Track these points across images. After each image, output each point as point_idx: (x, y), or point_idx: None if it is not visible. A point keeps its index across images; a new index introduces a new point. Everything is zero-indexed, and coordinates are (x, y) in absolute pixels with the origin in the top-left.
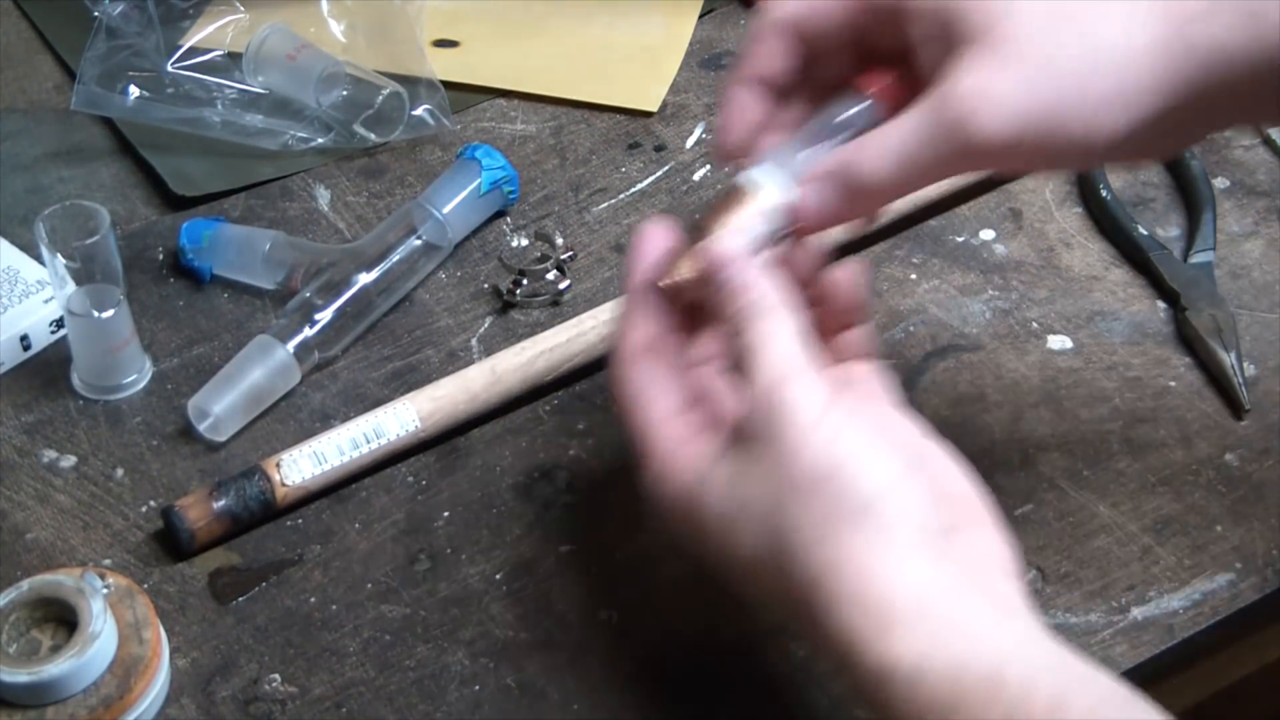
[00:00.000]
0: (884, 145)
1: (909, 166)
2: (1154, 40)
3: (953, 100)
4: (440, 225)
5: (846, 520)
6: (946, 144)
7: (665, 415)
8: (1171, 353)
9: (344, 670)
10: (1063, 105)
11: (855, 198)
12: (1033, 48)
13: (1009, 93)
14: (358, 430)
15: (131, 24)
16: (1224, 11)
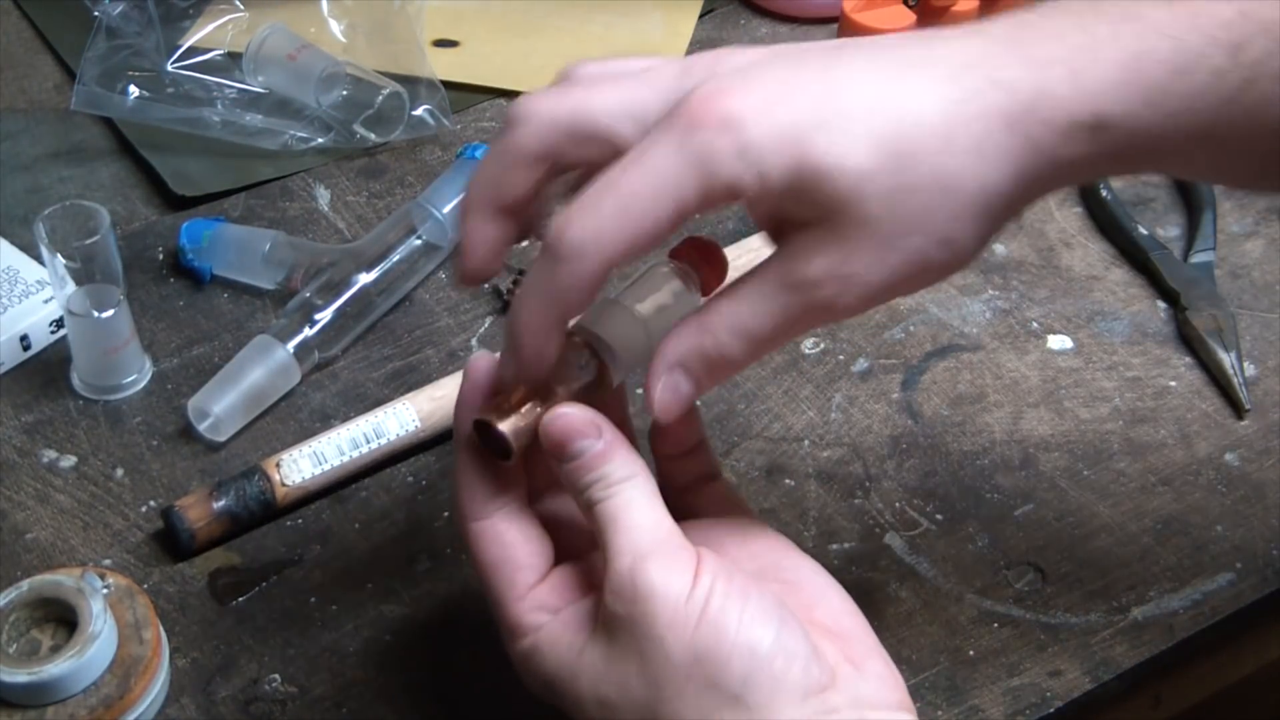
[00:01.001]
0: (740, 326)
1: (770, 342)
2: (1013, 178)
3: (809, 283)
4: (440, 225)
5: (727, 706)
6: (809, 321)
7: (529, 584)
8: (1171, 353)
9: (344, 670)
10: (924, 261)
11: (715, 378)
12: (882, 226)
13: (867, 270)
14: (358, 430)
15: (131, 24)
16: (1080, 131)
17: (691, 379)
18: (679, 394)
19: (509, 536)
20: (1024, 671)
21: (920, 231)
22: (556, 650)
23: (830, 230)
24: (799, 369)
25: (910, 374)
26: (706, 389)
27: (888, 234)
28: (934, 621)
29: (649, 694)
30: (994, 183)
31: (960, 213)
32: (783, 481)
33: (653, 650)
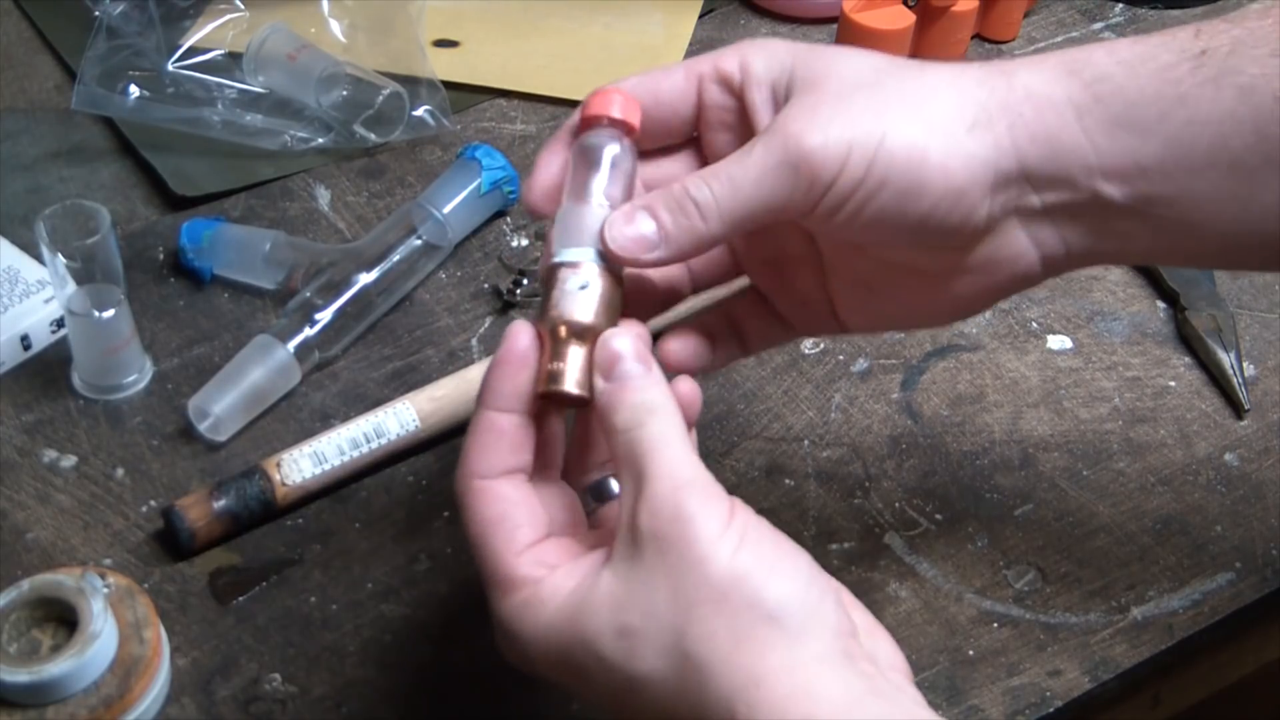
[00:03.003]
0: (713, 171)
1: (740, 189)
2: (981, 81)
3: (782, 129)
4: (440, 225)
5: (762, 624)
6: (778, 163)
7: (527, 542)
8: (1171, 353)
9: (344, 670)
10: (890, 122)
11: (681, 230)
12: (861, 85)
13: (836, 111)
14: (358, 430)
15: (132, 24)
16: (1045, 66)
17: (654, 219)
18: (637, 229)
19: (513, 496)
20: (1024, 671)
21: (890, 95)
22: (558, 597)
23: (813, 93)
24: (799, 369)
25: (910, 374)
26: (673, 239)
27: (863, 93)
28: (934, 621)
29: (679, 616)
30: (965, 85)
31: (928, 94)
32: (783, 481)
33: (690, 569)
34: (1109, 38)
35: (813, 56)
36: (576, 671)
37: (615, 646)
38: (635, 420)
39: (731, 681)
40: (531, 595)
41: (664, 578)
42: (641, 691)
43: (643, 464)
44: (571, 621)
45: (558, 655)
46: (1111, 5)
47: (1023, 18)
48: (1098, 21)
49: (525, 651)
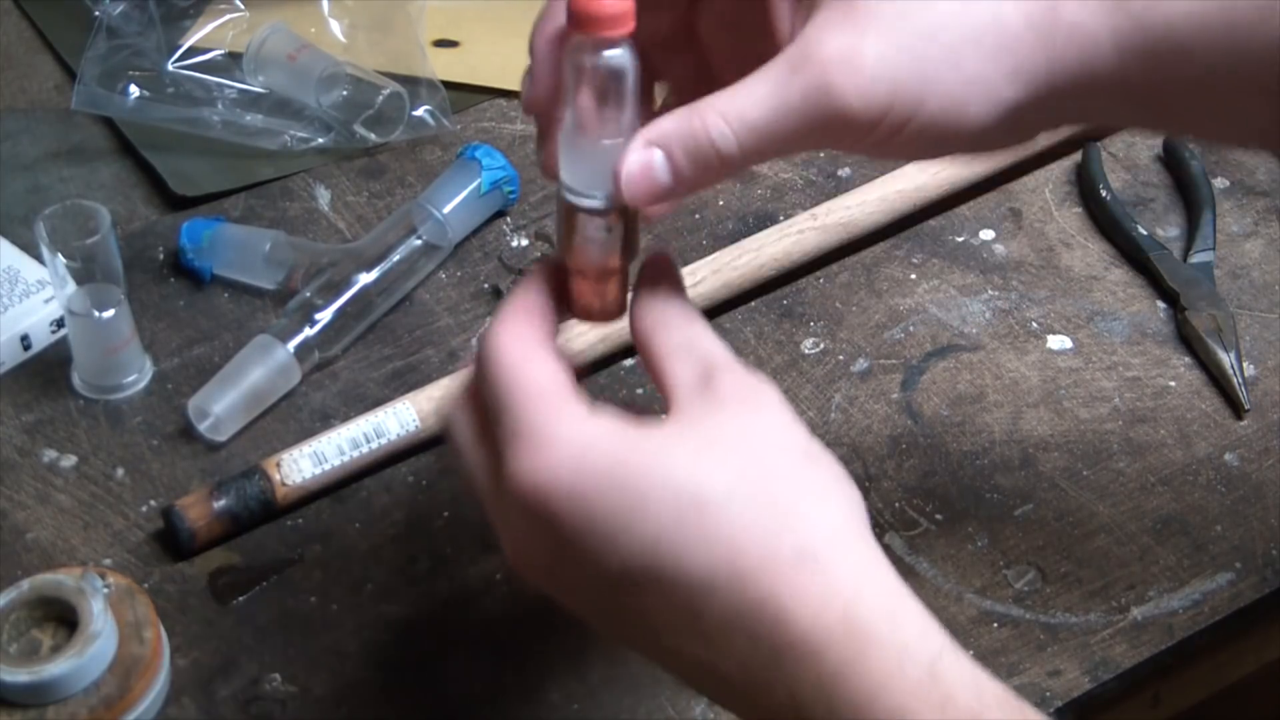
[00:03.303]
0: (738, 110)
1: (766, 134)
2: (1028, 20)
3: (815, 63)
4: (440, 225)
5: (836, 483)
6: (809, 111)
7: (563, 384)
8: (1171, 353)
9: (344, 670)
10: (933, 76)
11: (705, 169)
12: (902, 13)
13: (877, 58)
14: (358, 430)
15: (132, 24)
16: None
17: (670, 161)
18: (651, 173)
19: (564, 370)
20: (1024, 671)
21: (931, 38)
22: (617, 421)
23: (849, 6)
24: (799, 369)
25: (910, 374)
26: (688, 181)
27: (904, 26)
28: None
29: (766, 453)
30: (1008, 19)
31: (972, 35)
32: None
33: (778, 430)
34: None
35: None
36: (628, 496)
37: (691, 466)
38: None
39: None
40: (586, 419)
41: (751, 424)
42: (702, 509)
43: (712, 355)
44: (638, 440)
45: (606, 477)
46: None
47: None
48: None
49: (565, 475)
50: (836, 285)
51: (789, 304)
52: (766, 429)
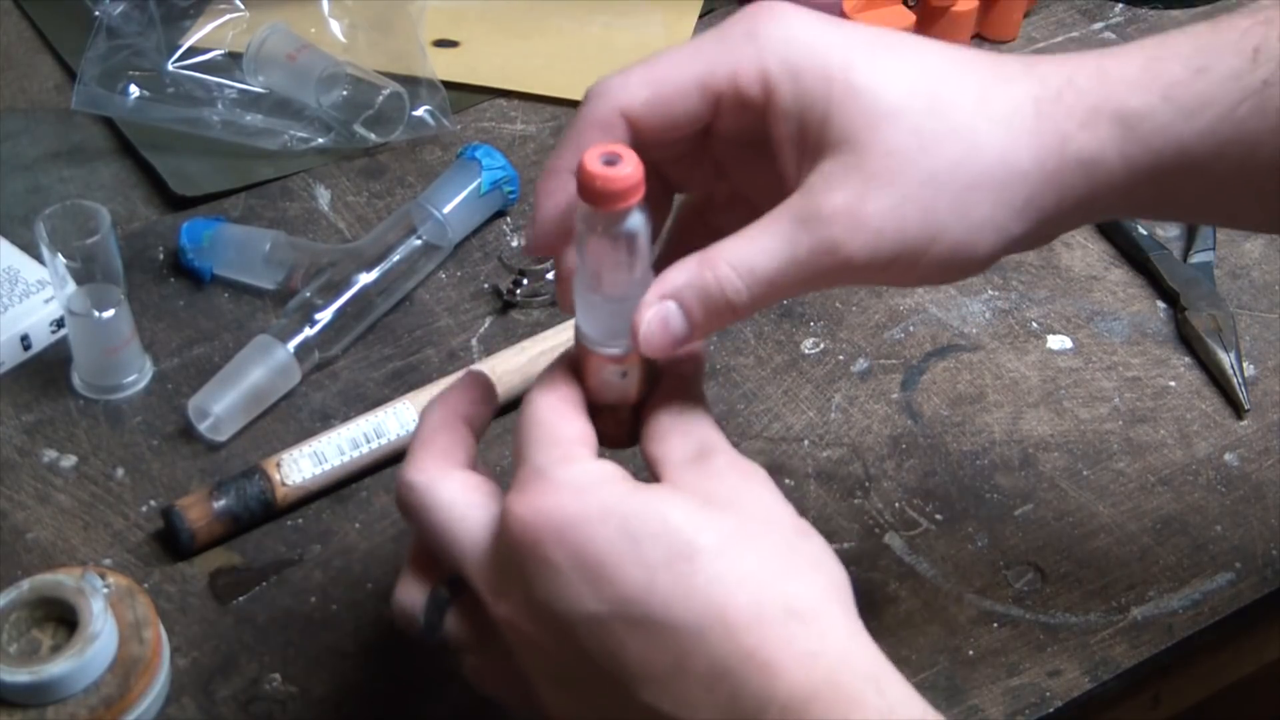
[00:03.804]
0: (748, 263)
1: (775, 285)
2: (1036, 159)
3: (821, 219)
4: (440, 225)
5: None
6: (816, 264)
7: (582, 439)
8: (1171, 353)
9: (344, 670)
10: (940, 224)
11: (718, 318)
12: (906, 164)
13: (883, 213)
14: (358, 430)
15: (132, 24)
16: (1102, 123)
17: (685, 314)
18: (669, 327)
19: (588, 430)
20: (1023, 671)
21: (939, 188)
22: (619, 471)
23: (853, 159)
24: (799, 369)
25: (910, 374)
26: (702, 330)
27: (910, 178)
28: (934, 621)
29: (765, 523)
30: (1016, 160)
31: (980, 181)
32: (783, 481)
33: (776, 506)
34: (1109, 38)
35: (850, 99)
36: (623, 536)
37: (689, 515)
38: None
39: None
40: (591, 463)
41: (744, 494)
42: (695, 557)
43: (708, 439)
44: (636, 488)
45: (603, 515)
46: (1111, 5)
47: (1023, 18)
48: (1098, 21)
49: (562, 511)
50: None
51: (789, 304)
52: (759, 500)
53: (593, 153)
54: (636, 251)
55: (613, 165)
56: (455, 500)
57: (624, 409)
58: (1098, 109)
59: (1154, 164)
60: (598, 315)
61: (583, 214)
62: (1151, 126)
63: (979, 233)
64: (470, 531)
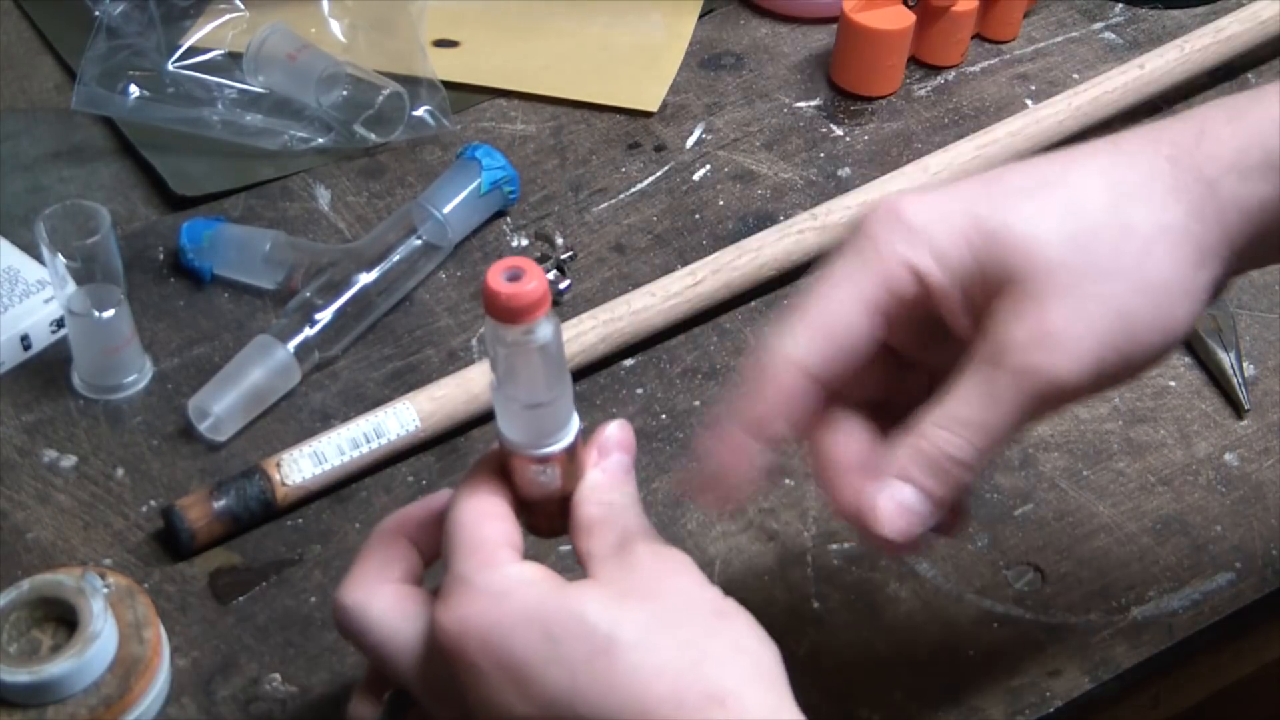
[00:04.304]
0: (958, 417)
1: (989, 429)
2: (1191, 212)
3: (1013, 353)
4: (440, 225)
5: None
6: (1024, 399)
7: (505, 539)
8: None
9: (344, 670)
10: (1130, 312)
11: (946, 483)
12: (1074, 269)
13: (1072, 324)
14: (358, 430)
15: (132, 24)
16: (1251, 165)
17: (918, 488)
18: (906, 507)
19: (513, 529)
20: (1024, 671)
21: (1111, 275)
22: (540, 571)
23: (1020, 293)
24: None
25: None
26: (943, 498)
27: (1078, 280)
28: (934, 621)
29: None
30: (1171, 221)
31: (1147, 252)
32: (783, 481)
33: (696, 590)
34: (1110, 38)
35: (993, 244)
36: (542, 639)
37: (605, 610)
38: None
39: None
40: (513, 566)
41: (664, 582)
42: (613, 650)
43: (629, 528)
44: (555, 586)
45: (522, 619)
46: (1111, 5)
47: (1023, 18)
48: (1097, 21)
49: (481, 618)
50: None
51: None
52: (679, 588)
53: (495, 270)
54: (549, 359)
55: (516, 280)
56: (385, 617)
57: (552, 503)
58: (1240, 151)
59: None
60: (517, 422)
61: (491, 329)
62: None
63: (1169, 298)
64: (404, 646)
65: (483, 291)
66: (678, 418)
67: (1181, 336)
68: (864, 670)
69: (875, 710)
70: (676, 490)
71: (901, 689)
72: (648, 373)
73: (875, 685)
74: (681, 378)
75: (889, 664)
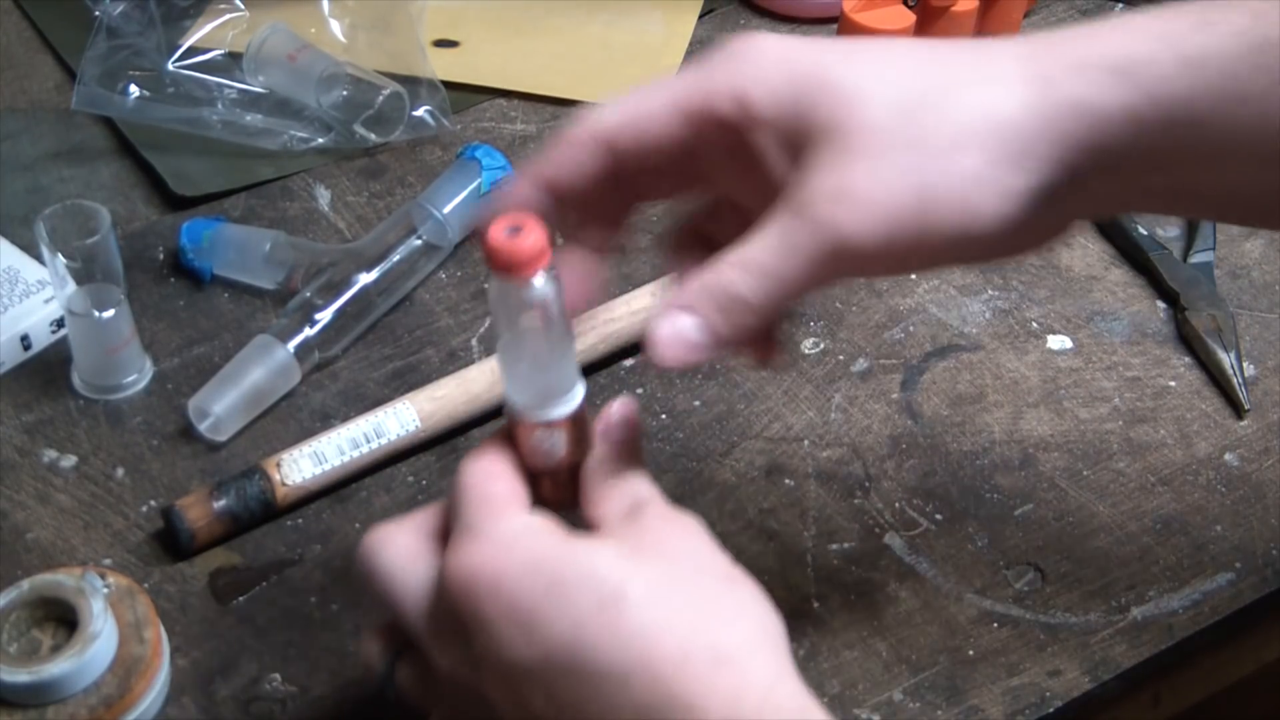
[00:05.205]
0: (752, 259)
1: (780, 277)
2: (1022, 104)
3: (813, 204)
4: (440, 225)
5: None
6: (817, 250)
7: (515, 496)
8: (1171, 353)
9: (344, 670)
10: (931, 184)
11: (729, 321)
12: (889, 134)
13: (870, 183)
14: (358, 430)
15: (132, 23)
16: (1094, 69)
17: (700, 319)
18: (685, 337)
19: (522, 489)
20: (1023, 671)
21: (921, 148)
22: (550, 523)
23: (833, 146)
24: (799, 369)
25: (910, 374)
26: (722, 336)
27: (889, 145)
28: (934, 621)
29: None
30: (1001, 109)
31: (964, 136)
32: (782, 481)
33: (705, 551)
34: None
35: (822, 91)
36: (550, 585)
37: (616, 564)
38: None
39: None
40: (521, 517)
41: (674, 544)
42: (621, 603)
43: (641, 494)
44: (565, 537)
45: (531, 565)
46: (1111, 6)
47: (1023, 18)
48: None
49: (491, 563)
50: (837, 285)
51: None
52: (689, 550)
53: (497, 226)
54: (550, 317)
55: (516, 235)
56: (395, 561)
57: (562, 473)
58: (1088, 55)
59: (1159, 117)
60: (521, 383)
61: (493, 286)
62: (1151, 75)
63: (974, 188)
64: (411, 590)
65: (483, 248)
66: (678, 418)
67: (984, 233)
68: (864, 670)
69: (875, 710)
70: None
71: (901, 689)
72: (648, 373)
73: (875, 685)
74: (681, 378)
75: (889, 664)
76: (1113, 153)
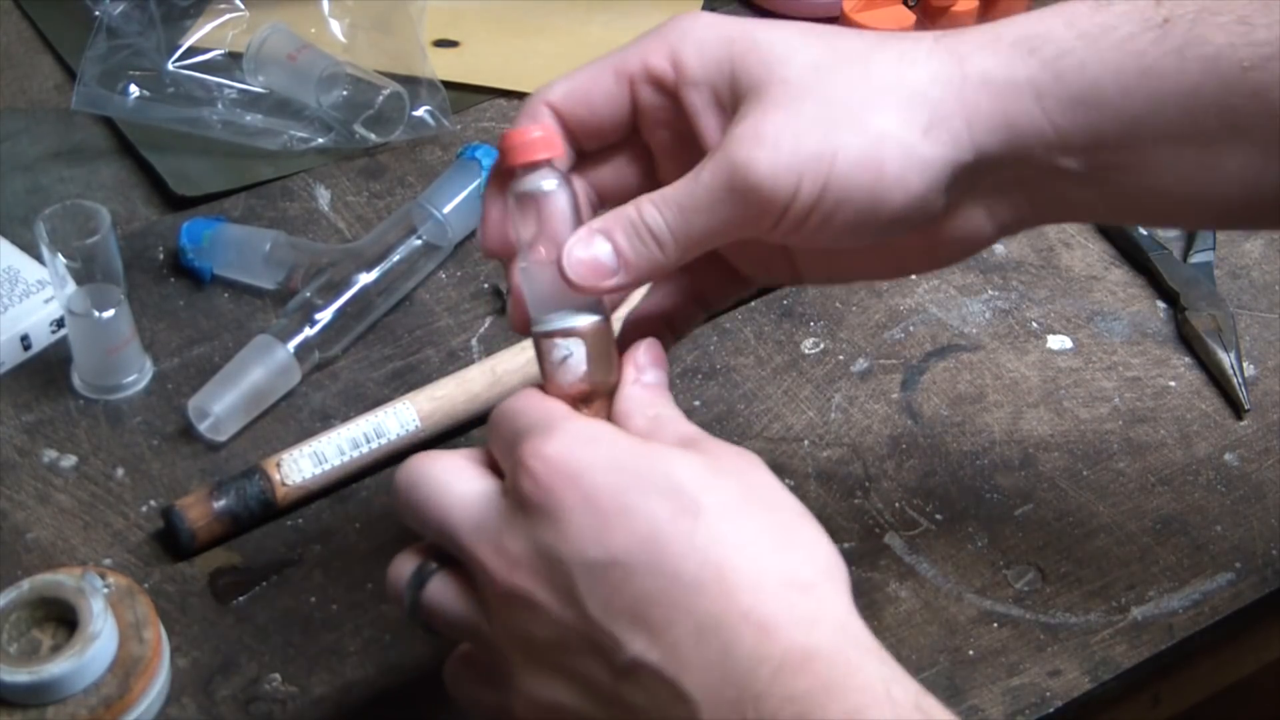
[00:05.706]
0: (668, 196)
1: (691, 211)
2: (932, 76)
3: (728, 147)
4: (440, 225)
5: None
6: (727, 191)
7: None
8: (1171, 353)
9: (344, 670)
10: (837, 141)
11: (638, 252)
12: (807, 89)
13: (781, 129)
14: (358, 430)
15: (132, 23)
16: (1003, 46)
17: (611, 244)
18: (594, 256)
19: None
20: (1024, 671)
21: (834, 104)
22: (636, 439)
23: (757, 100)
24: (799, 369)
25: (910, 374)
26: (631, 266)
27: (803, 97)
28: (934, 621)
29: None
30: (912, 79)
31: (876, 99)
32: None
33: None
34: None
35: (750, 51)
36: (632, 483)
37: (695, 475)
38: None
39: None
40: (593, 422)
41: (750, 471)
42: (701, 514)
43: (687, 433)
44: (645, 442)
45: (613, 462)
46: None
47: None
48: None
49: (571, 455)
50: (837, 285)
51: (789, 304)
52: (760, 482)
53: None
54: (558, 211)
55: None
56: (447, 472)
57: (584, 403)
58: (996, 35)
59: (1063, 93)
60: (537, 287)
61: (511, 184)
62: (1052, 49)
63: (882, 147)
64: (459, 498)
65: (499, 145)
66: None
67: (896, 204)
68: None
69: None
70: None
71: None
72: None
73: None
74: (681, 378)
75: None
76: (1022, 131)
